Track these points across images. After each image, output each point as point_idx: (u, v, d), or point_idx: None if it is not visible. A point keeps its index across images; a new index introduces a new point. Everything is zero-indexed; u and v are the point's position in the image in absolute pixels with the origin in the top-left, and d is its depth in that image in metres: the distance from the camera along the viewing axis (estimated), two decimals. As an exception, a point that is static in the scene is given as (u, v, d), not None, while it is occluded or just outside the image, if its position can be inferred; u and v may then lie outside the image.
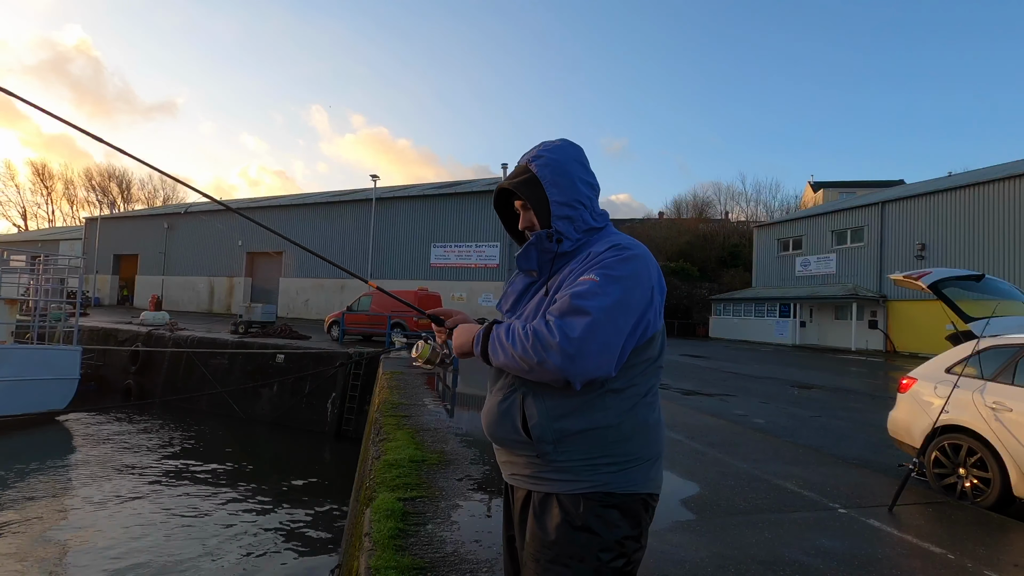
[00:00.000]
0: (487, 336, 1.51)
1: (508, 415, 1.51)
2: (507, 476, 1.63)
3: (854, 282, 29.28)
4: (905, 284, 6.43)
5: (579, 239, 1.60)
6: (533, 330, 1.39)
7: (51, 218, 73.12)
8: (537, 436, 1.46)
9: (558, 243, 1.58)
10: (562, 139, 1.70)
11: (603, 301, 1.37)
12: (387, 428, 6.40)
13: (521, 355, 1.39)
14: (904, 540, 3.92)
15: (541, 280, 1.62)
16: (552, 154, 1.64)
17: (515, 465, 1.56)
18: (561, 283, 1.52)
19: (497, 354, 1.46)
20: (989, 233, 23.57)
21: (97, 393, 18.12)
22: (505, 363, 1.45)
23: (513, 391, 1.52)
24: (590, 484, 1.44)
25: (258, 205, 39.34)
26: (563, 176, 1.62)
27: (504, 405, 1.53)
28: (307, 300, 33.90)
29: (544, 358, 1.35)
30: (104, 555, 7.11)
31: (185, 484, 10.17)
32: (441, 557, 3.17)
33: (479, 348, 1.51)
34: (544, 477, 1.48)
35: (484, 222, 28.93)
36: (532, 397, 1.48)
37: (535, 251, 1.60)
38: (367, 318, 18.69)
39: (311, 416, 15.02)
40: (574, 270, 1.51)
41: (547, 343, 1.35)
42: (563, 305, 1.40)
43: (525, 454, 1.50)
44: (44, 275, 16.31)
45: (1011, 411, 4.78)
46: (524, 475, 1.53)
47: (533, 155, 1.66)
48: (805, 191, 56.11)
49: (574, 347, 1.33)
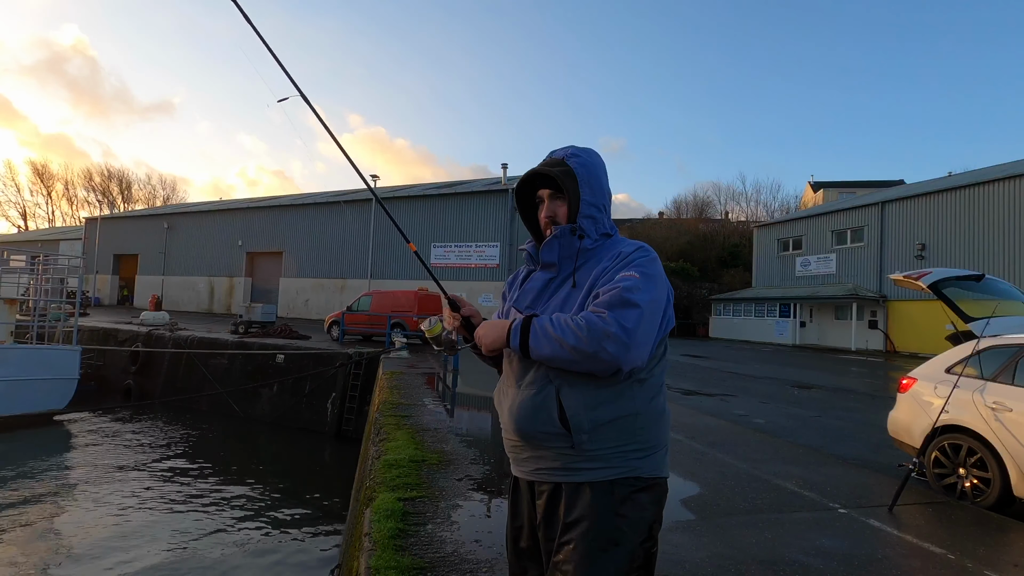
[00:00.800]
0: (526, 328, 1.51)
1: (543, 408, 1.52)
2: (529, 472, 1.62)
3: (854, 282, 29.28)
4: (905, 284, 6.43)
5: (597, 241, 1.67)
6: (586, 321, 1.43)
7: (51, 218, 73.19)
8: (575, 426, 1.49)
9: (580, 239, 1.64)
10: (590, 148, 1.78)
11: (648, 296, 1.47)
12: (387, 428, 6.40)
13: (574, 345, 1.42)
14: (904, 540, 3.92)
15: (562, 275, 1.65)
16: (587, 156, 1.73)
17: (542, 459, 1.56)
18: (595, 279, 1.56)
19: (541, 345, 1.47)
20: (989, 233, 23.56)
21: (97, 393, 18.11)
22: (551, 354, 1.46)
23: (546, 384, 1.54)
24: (621, 470, 1.50)
25: (259, 205, 39.31)
26: (595, 179, 1.71)
27: (539, 398, 1.54)
28: (307, 300, 33.89)
29: (601, 347, 1.40)
30: (103, 555, 7.10)
31: (185, 484, 10.17)
32: (441, 557, 3.17)
33: (517, 340, 1.51)
34: (576, 467, 1.51)
35: (484, 222, 28.93)
36: (569, 388, 1.51)
37: (558, 244, 1.65)
38: (367, 318, 18.70)
39: (311, 416, 15.01)
40: (608, 268, 1.57)
41: (604, 333, 1.40)
42: (613, 298, 1.44)
43: (557, 446, 1.52)
44: (44, 275, 16.30)
45: (1011, 411, 4.78)
46: (553, 468, 1.54)
47: (569, 152, 1.72)
48: (805, 191, 56.13)
49: (630, 337, 1.40)
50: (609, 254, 1.62)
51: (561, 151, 1.76)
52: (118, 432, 13.95)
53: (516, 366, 1.63)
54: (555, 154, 1.76)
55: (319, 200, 35.81)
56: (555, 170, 1.67)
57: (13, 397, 13.31)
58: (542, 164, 1.74)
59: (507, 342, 1.54)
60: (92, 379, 18.31)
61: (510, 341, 1.53)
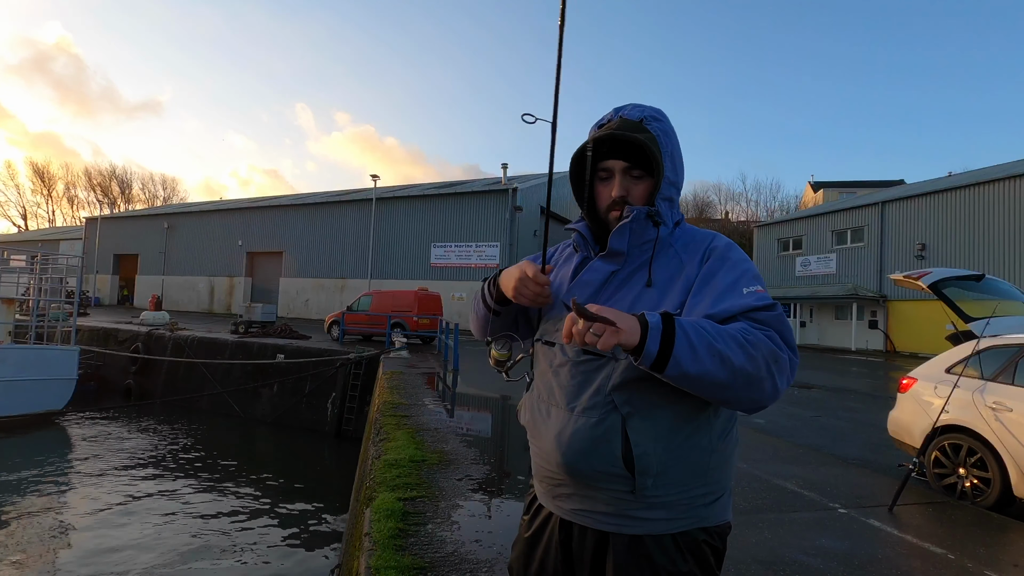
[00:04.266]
0: (671, 331, 1.07)
1: (605, 442, 1.19)
2: (568, 512, 1.29)
3: (854, 282, 29.28)
4: (905, 284, 6.44)
5: (669, 231, 1.33)
6: (760, 339, 1.11)
7: (51, 218, 73.23)
8: (641, 468, 1.18)
9: (656, 226, 1.30)
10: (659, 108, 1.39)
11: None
12: (387, 428, 6.39)
13: (740, 367, 1.07)
14: (904, 540, 3.92)
15: (629, 268, 1.31)
16: (666, 122, 1.36)
17: (589, 501, 1.25)
18: (690, 280, 1.25)
19: (694, 359, 1.06)
20: (989, 233, 23.56)
21: (96, 393, 18.11)
22: (701, 374, 1.07)
23: (610, 411, 1.20)
24: (687, 521, 1.22)
25: (259, 205, 39.32)
26: (677, 151, 1.36)
27: (599, 430, 1.20)
28: (307, 300, 33.89)
29: (768, 374, 1.10)
30: (102, 556, 7.10)
31: (184, 484, 10.16)
32: (441, 557, 3.17)
33: (656, 345, 1.06)
34: (633, 515, 1.21)
35: (484, 222, 28.92)
36: (640, 420, 1.19)
37: (629, 231, 1.29)
38: (367, 318, 18.71)
39: (311, 416, 15.02)
40: (711, 269, 1.26)
41: (774, 356, 1.10)
42: (775, 322, 1.15)
43: (612, 489, 1.21)
44: (43, 275, 16.30)
45: (1011, 411, 4.78)
46: (604, 513, 1.24)
47: (647, 114, 1.35)
48: (805, 191, 56.20)
49: (793, 367, 1.14)
50: (689, 248, 1.30)
51: (633, 110, 1.37)
52: (117, 432, 13.94)
53: (567, 379, 1.27)
54: (626, 114, 1.36)
55: (319, 200, 35.82)
56: (640, 136, 1.28)
57: (9, 398, 13.30)
58: (610, 126, 1.34)
59: (638, 341, 1.06)
60: (92, 379, 18.32)
61: (646, 343, 1.06)
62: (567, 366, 1.28)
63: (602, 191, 1.35)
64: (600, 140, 1.31)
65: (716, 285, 1.22)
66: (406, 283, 28.39)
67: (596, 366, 1.24)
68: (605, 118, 1.40)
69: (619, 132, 1.29)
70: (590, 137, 1.34)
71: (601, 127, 1.38)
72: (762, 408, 1.14)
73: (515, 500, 4.37)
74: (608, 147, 1.31)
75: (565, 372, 1.28)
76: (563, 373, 1.28)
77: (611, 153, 1.32)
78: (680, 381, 1.09)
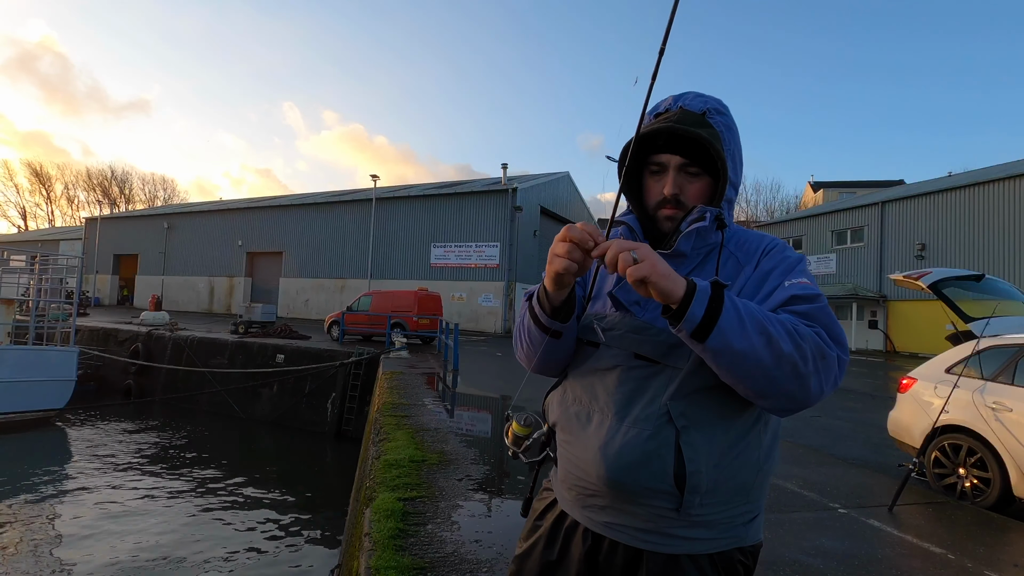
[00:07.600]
0: (719, 298, 0.99)
1: (657, 458, 1.10)
2: (600, 525, 1.20)
3: (854, 282, 29.28)
4: (905, 284, 6.44)
5: (730, 233, 1.25)
6: (808, 333, 1.03)
7: (51, 218, 73.23)
8: (692, 486, 1.09)
9: (720, 229, 1.21)
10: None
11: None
12: (387, 428, 6.39)
13: (788, 353, 0.99)
14: (904, 540, 3.92)
15: (685, 270, 1.21)
16: (729, 116, 1.26)
17: (626, 515, 1.16)
18: (746, 280, 1.19)
19: (740, 334, 0.98)
20: (989, 233, 23.57)
21: (97, 393, 18.10)
22: (746, 350, 0.98)
23: (664, 423, 1.11)
24: (727, 541, 1.16)
25: (259, 205, 39.31)
26: (739, 149, 1.26)
27: (652, 444, 1.10)
28: (307, 300, 33.89)
29: (814, 369, 1.01)
30: (102, 556, 7.10)
31: (184, 484, 10.16)
32: (441, 557, 3.17)
33: (702, 309, 0.98)
34: (673, 533, 1.14)
35: (484, 222, 28.91)
36: (696, 432, 1.10)
37: (696, 234, 1.20)
38: (367, 318, 18.71)
39: (311, 416, 15.02)
40: (765, 268, 1.19)
41: (824, 354, 1.03)
42: (820, 315, 1.07)
43: (655, 505, 1.13)
44: (42, 275, 16.29)
45: (1011, 411, 4.78)
46: (639, 529, 1.15)
47: (710, 106, 1.24)
48: (805, 191, 56.18)
49: (842, 369, 1.05)
50: (743, 248, 1.23)
51: (695, 100, 1.25)
52: (117, 432, 13.94)
53: (614, 385, 1.17)
54: (687, 104, 1.25)
55: (319, 200, 35.82)
56: (703, 132, 1.18)
57: (8, 398, 13.30)
58: (669, 116, 1.24)
59: (680, 298, 0.98)
60: (92, 379, 18.32)
61: (692, 306, 0.97)
62: (615, 371, 1.18)
63: (652, 186, 1.26)
64: (657, 132, 1.21)
65: (767, 281, 1.17)
66: (406, 283, 28.40)
67: (651, 372, 1.15)
68: (663, 106, 1.29)
69: (680, 126, 1.19)
70: (647, 127, 1.22)
71: (658, 116, 1.27)
72: (801, 408, 1.05)
73: (515, 500, 4.36)
74: (665, 139, 1.21)
75: (613, 377, 1.18)
76: (610, 378, 1.19)
77: (667, 146, 1.22)
78: (720, 357, 1.00)
